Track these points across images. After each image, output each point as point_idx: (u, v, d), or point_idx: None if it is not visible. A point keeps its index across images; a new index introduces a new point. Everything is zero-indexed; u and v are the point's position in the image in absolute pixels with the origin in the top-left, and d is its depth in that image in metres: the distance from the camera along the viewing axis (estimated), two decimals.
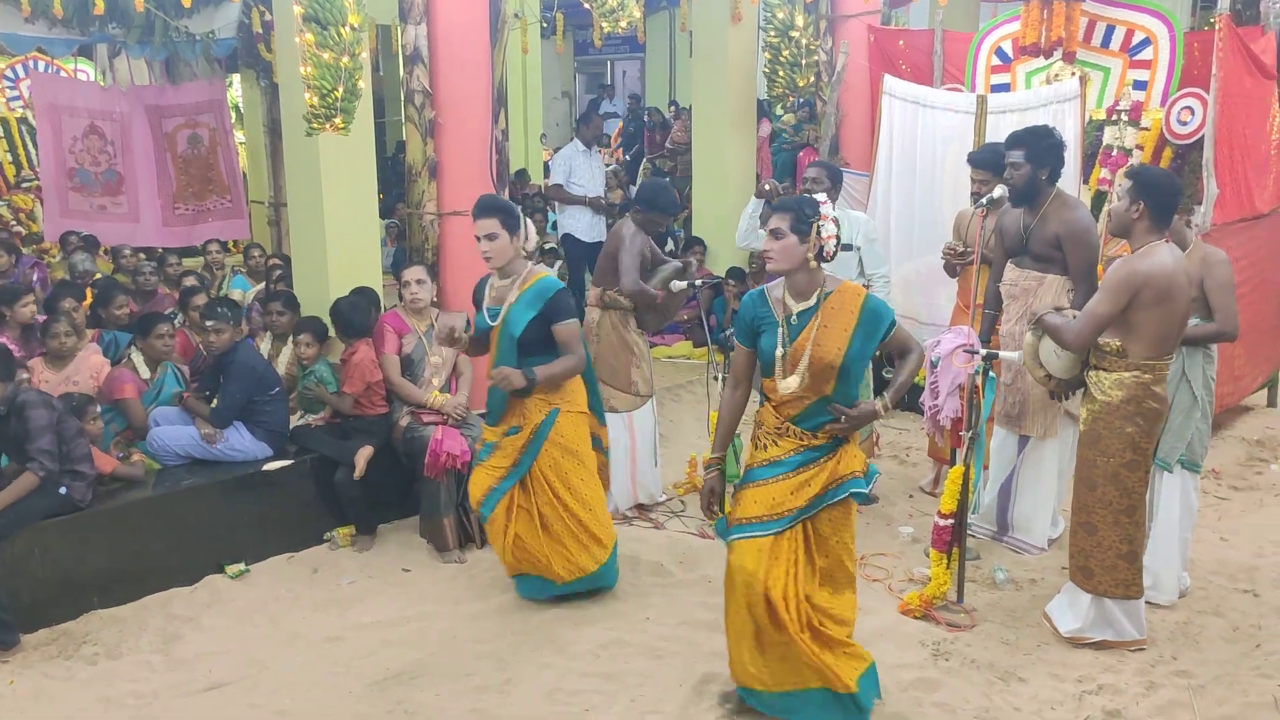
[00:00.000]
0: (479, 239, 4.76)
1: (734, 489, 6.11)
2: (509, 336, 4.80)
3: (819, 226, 3.81)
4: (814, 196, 3.93)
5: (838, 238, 3.88)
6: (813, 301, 3.86)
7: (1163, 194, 4.32)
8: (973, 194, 5.82)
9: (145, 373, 6.06)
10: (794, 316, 3.87)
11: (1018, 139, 5.21)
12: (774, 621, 3.85)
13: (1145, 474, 4.47)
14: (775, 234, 3.82)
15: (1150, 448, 4.44)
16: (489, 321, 4.90)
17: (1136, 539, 4.48)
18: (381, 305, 6.41)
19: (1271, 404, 7.93)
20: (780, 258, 3.83)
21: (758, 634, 3.92)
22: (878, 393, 6.63)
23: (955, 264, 6.08)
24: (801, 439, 3.88)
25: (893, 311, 3.92)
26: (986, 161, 5.72)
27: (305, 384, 6.01)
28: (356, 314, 5.90)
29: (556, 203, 9.80)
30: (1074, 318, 4.48)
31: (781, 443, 3.91)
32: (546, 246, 11.25)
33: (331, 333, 6.08)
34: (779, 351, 3.85)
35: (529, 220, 4.95)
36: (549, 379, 4.79)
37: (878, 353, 6.04)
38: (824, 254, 3.85)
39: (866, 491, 3.95)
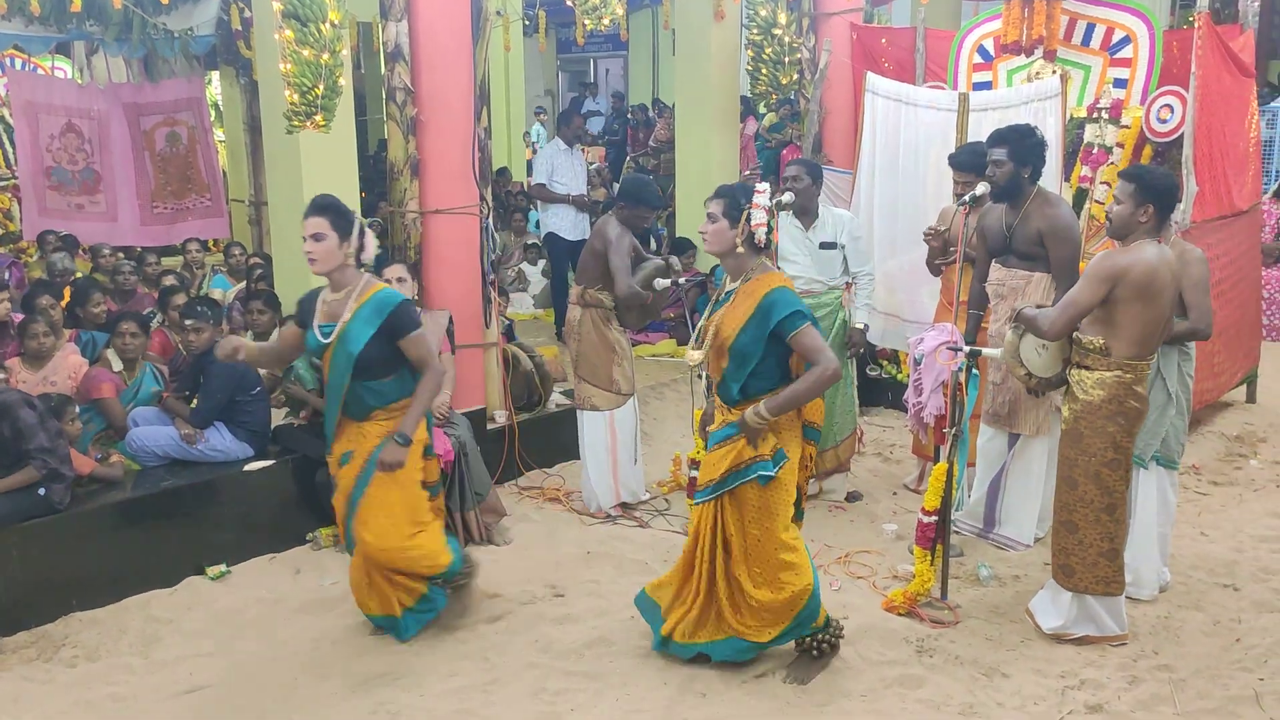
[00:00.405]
0: (304, 239, 4.35)
1: None
2: (346, 354, 4.36)
3: (749, 214, 4.07)
4: (756, 186, 4.14)
5: (768, 226, 4.07)
6: (737, 284, 4.14)
7: (1169, 195, 4.33)
8: (956, 195, 5.84)
9: (119, 367, 6.02)
10: (723, 294, 4.21)
11: (1000, 137, 5.23)
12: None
13: (1126, 473, 4.48)
14: (710, 217, 4.15)
15: (1131, 446, 4.47)
16: (322, 339, 4.43)
17: (1118, 537, 4.50)
18: None
19: (1251, 399, 7.97)
20: (712, 240, 4.15)
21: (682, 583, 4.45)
22: (862, 394, 6.71)
23: (938, 262, 6.10)
24: (723, 412, 4.19)
25: (795, 312, 3.99)
26: (967, 163, 5.74)
27: (287, 382, 5.97)
28: None
29: (540, 201, 9.79)
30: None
31: (717, 415, 4.24)
32: (529, 244, 11.25)
33: None
34: (700, 323, 4.24)
35: (369, 231, 4.49)
36: (421, 416, 4.47)
37: (853, 352, 6.09)
38: (754, 241, 4.08)
39: (773, 474, 4.08)
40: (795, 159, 6.50)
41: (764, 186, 4.09)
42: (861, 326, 6.07)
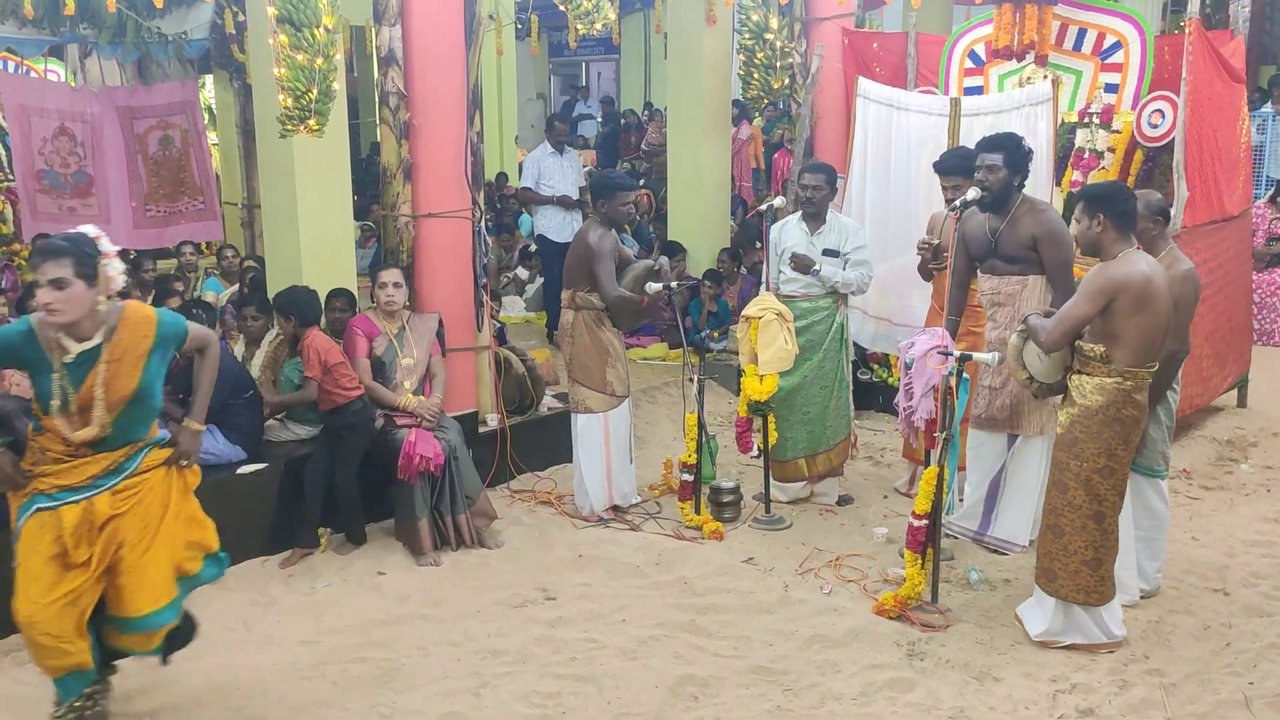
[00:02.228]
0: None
1: (710, 490, 6.14)
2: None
3: (104, 265, 3.70)
4: (87, 231, 3.74)
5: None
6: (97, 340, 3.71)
7: (1116, 201, 4.36)
8: (947, 200, 5.86)
9: None
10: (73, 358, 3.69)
11: (997, 142, 5.24)
12: None
13: (1119, 483, 4.47)
14: (56, 284, 3.58)
15: (1126, 455, 4.45)
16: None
17: (1103, 547, 4.48)
18: (357, 307, 6.38)
19: (1242, 404, 8.00)
20: (67, 309, 3.60)
21: None
22: (858, 397, 6.72)
23: (931, 267, 6.12)
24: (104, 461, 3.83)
25: (183, 322, 3.95)
26: (953, 167, 5.75)
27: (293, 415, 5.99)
28: (307, 303, 5.84)
29: (531, 205, 9.80)
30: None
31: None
32: (529, 250, 11.26)
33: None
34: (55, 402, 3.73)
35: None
36: None
37: (794, 266, 6.05)
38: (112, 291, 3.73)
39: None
40: (814, 162, 6.48)
41: (95, 230, 3.76)
42: (815, 266, 6.01)
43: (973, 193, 5.23)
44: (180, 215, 10.28)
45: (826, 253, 6.07)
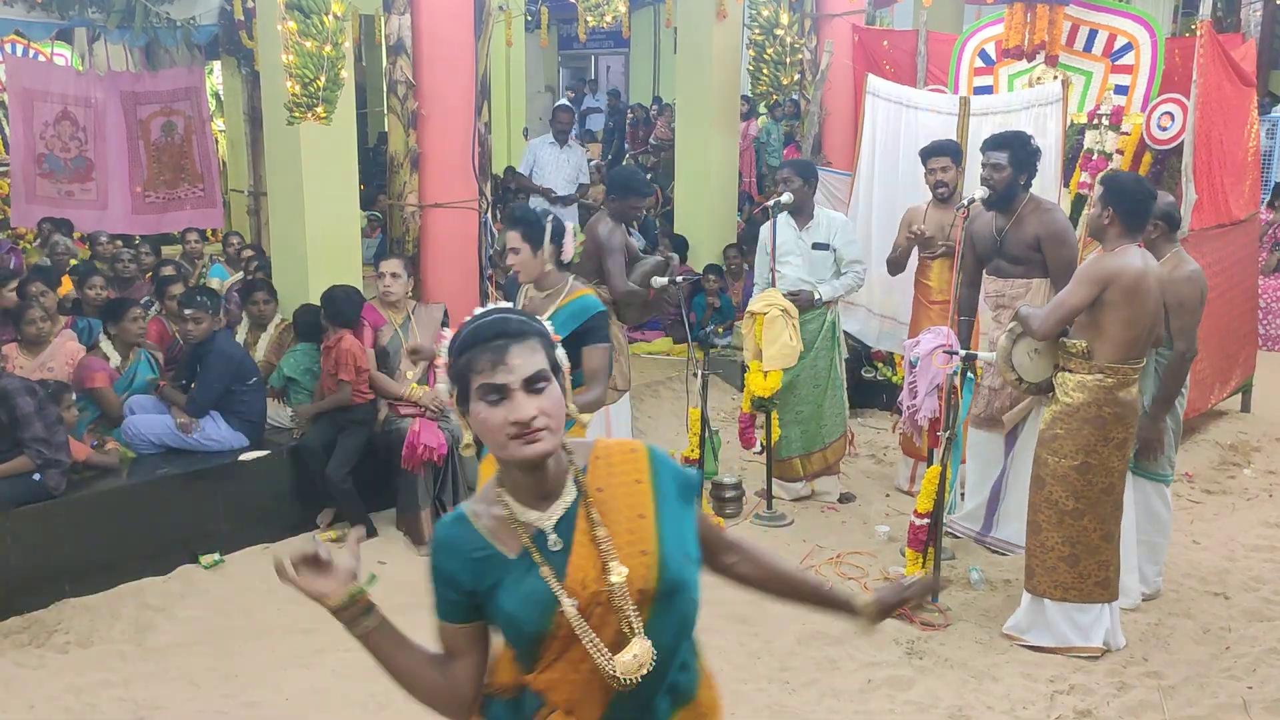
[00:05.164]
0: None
1: (712, 485, 6.14)
2: None
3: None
4: None
5: None
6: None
7: (1131, 199, 4.31)
8: (939, 183, 5.87)
9: (115, 359, 6.00)
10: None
11: (1004, 140, 5.22)
12: None
13: (1099, 479, 4.43)
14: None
15: (1108, 453, 4.41)
16: None
17: (1082, 544, 4.45)
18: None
19: (1245, 409, 7.99)
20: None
21: None
22: (857, 396, 6.70)
23: (925, 255, 6.12)
24: None
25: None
26: (940, 149, 5.78)
27: (295, 404, 5.97)
28: (350, 304, 5.82)
29: (523, 192, 9.82)
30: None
31: None
32: None
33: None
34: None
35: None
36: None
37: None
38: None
39: None
40: (787, 160, 6.51)
41: None
42: (815, 296, 6.03)
43: (980, 191, 5.23)
44: (180, 202, 10.27)
45: (816, 246, 6.07)
